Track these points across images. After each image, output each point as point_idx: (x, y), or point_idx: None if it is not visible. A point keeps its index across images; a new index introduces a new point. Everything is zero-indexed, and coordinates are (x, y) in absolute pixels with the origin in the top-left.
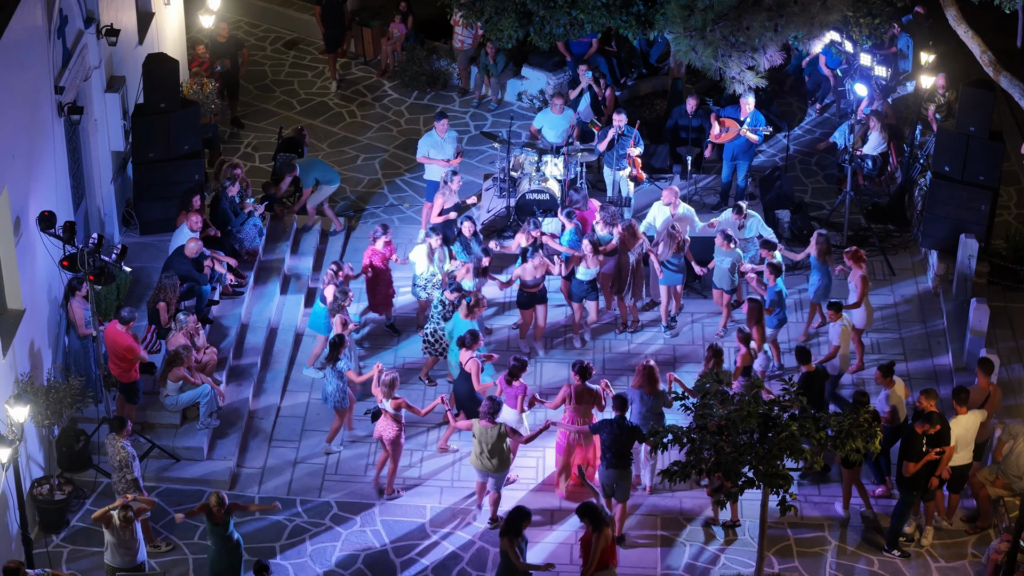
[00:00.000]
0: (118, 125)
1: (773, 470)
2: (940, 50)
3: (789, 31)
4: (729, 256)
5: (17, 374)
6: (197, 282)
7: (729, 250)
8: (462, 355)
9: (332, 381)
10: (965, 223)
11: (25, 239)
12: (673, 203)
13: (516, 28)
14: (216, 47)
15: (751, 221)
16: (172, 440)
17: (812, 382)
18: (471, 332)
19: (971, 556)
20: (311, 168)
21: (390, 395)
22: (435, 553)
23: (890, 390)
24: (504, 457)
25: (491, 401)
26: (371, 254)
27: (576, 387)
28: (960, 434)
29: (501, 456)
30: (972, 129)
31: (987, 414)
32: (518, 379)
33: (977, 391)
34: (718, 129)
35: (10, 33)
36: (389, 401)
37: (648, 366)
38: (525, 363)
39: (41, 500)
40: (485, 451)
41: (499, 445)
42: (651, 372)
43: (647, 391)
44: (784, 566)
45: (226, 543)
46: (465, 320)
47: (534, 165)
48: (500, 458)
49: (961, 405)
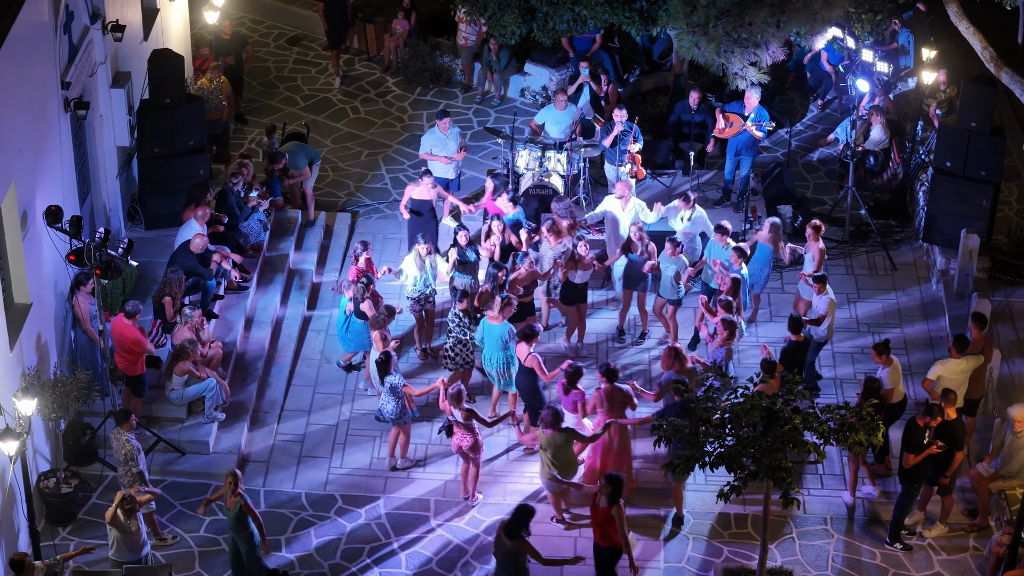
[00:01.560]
0: (123, 120)
1: (776, 463)
2: (941, 46)
3: (791, 27)
4: (674, 263)
5: (24, 368)
6: (202, 277)
7: (676, 257)
8: (521, 350)
9: (389, 400)
10: (966, 218)
11: (32, 233)
12: (625, 196)
13: (519, 24)
14: (220, 44)
15: (697, 214)
16: (177, 433)
17: (798, 351)
18: (529, 326)
19: (972, 549)
20: (299, 151)
21: (459, 406)
22: (439, 545)
23: (889, 368)
24: (570, 462)
25: (552, 410)
26: (358, 270)
27: (605, 389)
28: (949, 377)
29: (566, 461)
30: (973, 125)
31: (982, 361)
32: (575, 386)
33: (971, 344)
34: (723, 124)
35: (17, 29)
36: (459, 412)
37: (674, 347)
38: (581, 370)
39: (48, 493)
40: (549, 459)
41: (566, 451)
42: (678, 352)
43: (677, 370)
44: (787, 559)
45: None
46: (494, 323)
47: (537, 161)
48: (565, 463)
49: (959, 352)
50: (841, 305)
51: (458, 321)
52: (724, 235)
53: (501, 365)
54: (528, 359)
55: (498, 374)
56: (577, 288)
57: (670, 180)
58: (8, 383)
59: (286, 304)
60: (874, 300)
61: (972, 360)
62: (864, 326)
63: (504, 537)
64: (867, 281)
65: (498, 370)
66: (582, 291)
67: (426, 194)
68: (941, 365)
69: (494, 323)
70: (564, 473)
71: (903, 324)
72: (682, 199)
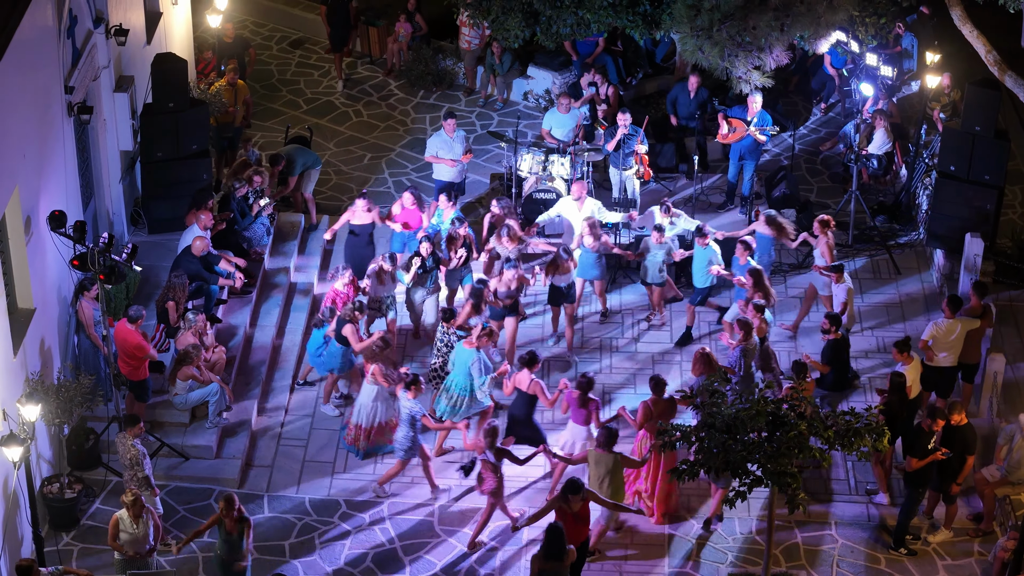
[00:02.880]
0: (127, 125)
1: (782, 468)
2: (945, 50)
3: (795, 31)
4: (661, 249)
5: (28, 373)
6: (206, 281)
7: (661, 243)
8: (522, 376)
9: (402, 428)
10: (970, 222)
11: (36, 238)
12: (581, 197)
13: (523, 28)
14: (223, 47)
15: (678, 219)
16: (181, 438)
17: (839, 350)
18: (531, 353)
19: (977, 554)
20: (297, 154)
21: (493, 445)
22: (444, 552)
23: (909, 365)
24: (619, 484)
25: (607, 430)
26: (333, 295)
27: (653, 400)
28: (941, 338)
29: (616, 484)
30: (977, 128)
31: (978, 325)
32: (588, 396)
33: (969, 310)
34: (726, 129)
35: (21, 33)
36: (491, 452)
37: (705, 352)
38: (592, 380)
39: (51, 498)
40: (599, 479)
41: (617, 473)
42: (708, 357)
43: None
44: (791, 564)
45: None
46: (469, 349)
47: (541, 164)
48: (615, 485)
49: (952, 312)
50: None
51: (447, 341)
52: (703, 237)
53: (460, 391)
54: (531, 385)
55: (450, 399)
56: (562, 290)
57: (674, 184)
58: (12, 388)
59: (289, 308)
60: (877, 304)
61: (966, 322)
62: (868, 330)
63: (548, 563)
64: (870, 284)
65: (459, 396)
66: (568, 292)
67: (365, 219)
68: (935, 326)
69: (467, 348)
70: (614, 495)
71: (907, 327)
72: (662, 208)
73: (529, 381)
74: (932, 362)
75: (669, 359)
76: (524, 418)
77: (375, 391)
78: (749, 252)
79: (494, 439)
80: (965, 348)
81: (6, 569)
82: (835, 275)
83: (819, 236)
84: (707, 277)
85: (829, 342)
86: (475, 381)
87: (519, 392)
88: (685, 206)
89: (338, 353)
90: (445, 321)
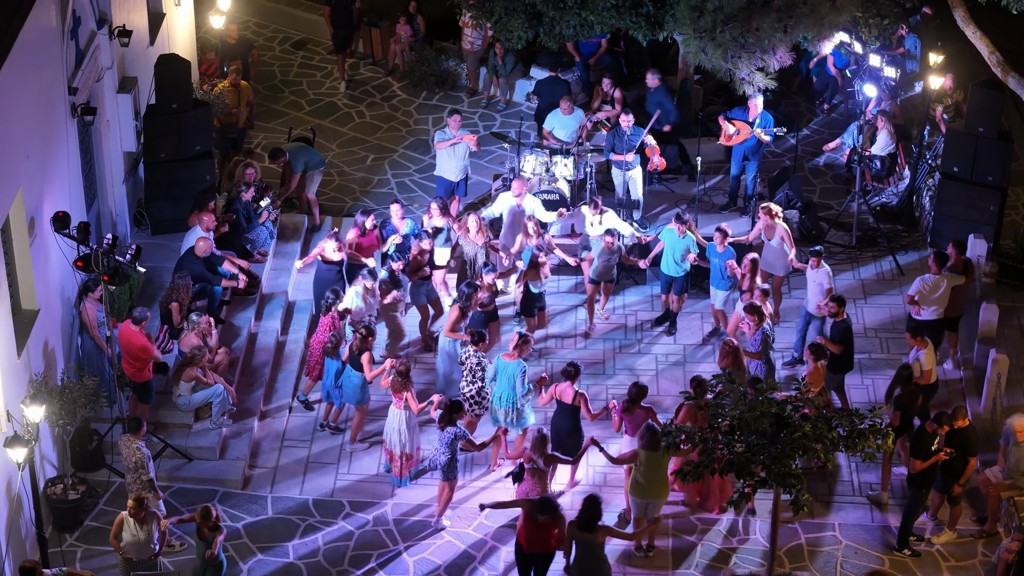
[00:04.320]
0: (130, 125)
1: (786, 470)
2: (948, 51)
3: (798, 32)
4: (615, 254)
5: (32, 374)
6: (209, 282)
7: (613, 248)
8: (565, 388)
9: (444, 452)
10: (974, 223)
11: (39, 239)
12: (521, 194)
13: (526, 29)
14: (226, 48)
15: (607, 216)
16: (185, 440)
17: (849, 330)
18: (573, 365)
19: (981, 556)
20: (300, 152)
21: (544, 452)
22: (448, 552)
23: (925, 349)
24: (663, 481)
25: (650, 429)
26: (328, 324)
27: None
28: (926, 293)
29: (664, 484)
30: (981, 129)
31: (963, 281)
32: (639, 405)
33: (952, 267)
34: (731, 130)
35: (25, 34)
36: (542, 459)
37: (734, 346)
38: (645, 388)
39: (55, 500)
40: (642, 478)
41: (663, 472)
42: (737, 351)
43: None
44: (795, 565)
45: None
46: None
47: (544, 166)
48: (663, 485)
49: (939, 268)
50: (848, 311)
51: (478, 361)
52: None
53: (510, 404)
54: (577, 398)
55: (505, 413)
56: (536, 296)
57: (676, 185)
58: (16, 390)
59: (293, 310)
60: (881, 306)
61: (951, 278)
62: (871, 331)
63: (581, 532)
64: (874, 286)
65: (506, 409)
66: (540, 298)
67: (336, 256)
68: (922, 282)
69: (508, 360)
70: (657, 493)
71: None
72: (592, 206)
73: (574, 394)
74: (919, 316)
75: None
76: (571, 429)
77: (403, 416)
78: (726, 239)
79: (544, 447)
80: (950, 303)
81: (10, 570)
82: (814, 260)
83: (769, 224)
84: (681, 265)
85: (837, 323)
86: (519, 390)
87: (561, 404)
88: (690, 207)
89: (358, 385)
90: (474, 344)
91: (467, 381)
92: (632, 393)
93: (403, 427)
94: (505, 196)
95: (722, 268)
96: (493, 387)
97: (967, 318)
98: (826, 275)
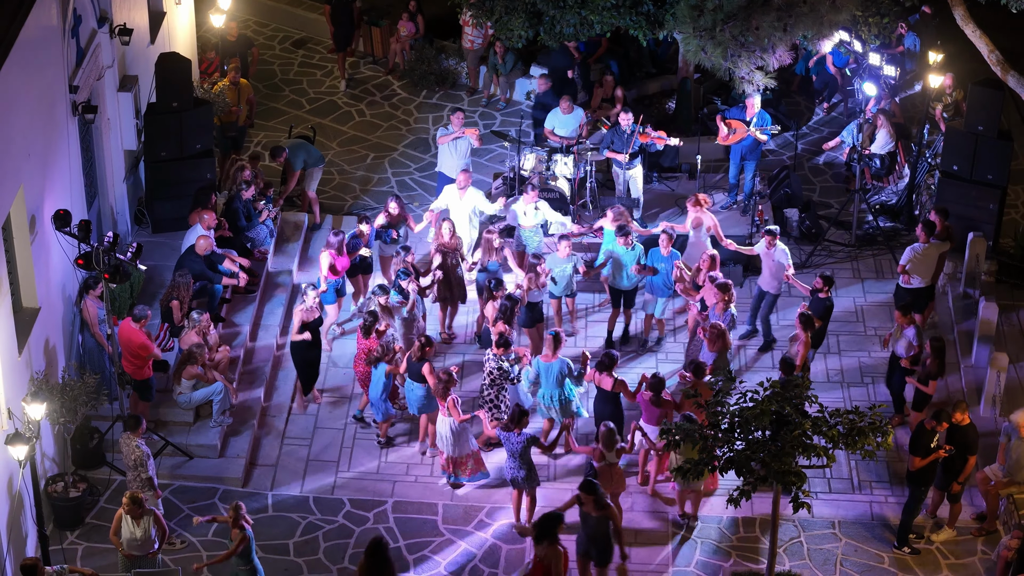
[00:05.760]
0: (131, 124)
1: (786, 467)
2: (948, 49)
3: (798, 31)
4: (570, 261)
5: (33, 372)
6: (210, 280)
7: (568, 256)
8: (605, 378)
9: (519, 465)
10: (974, 222)
11: (40, 237)
12: (464, 187)
13: (526, 28)
14: (226, 47)
15: (541, 205)
16: (185, 437)
17: (830, 309)
18: (608, 355)
19: (981, 553)
20: (299, 149)
21: (613, 448)
22: (448, 551)
23: (913, 327)
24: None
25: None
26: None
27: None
28: (917, 262)
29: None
30: (980, 128)
31: (947, 247)
32: (661, 395)
33: (938, 234)
34: (726, 131)
35: (26, 33)
36: (612, 454)
37: (722, 330)
38: (663, 379)
39: (56, 497)
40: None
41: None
42: (725, 335)
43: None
44: (795, 563)
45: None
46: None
47: (545, 164)
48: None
49: (928, 237)
50: (848, 309)
51: (498, 365)
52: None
53: (558, 402)
54: (617, 384)
55: (556, 411)
56: (537, 307)
57: (676, 184)
58: (17, 387)
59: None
60: (881, 304)
61: (939, 246)
62: (871, 329)
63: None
64: (873, 285)
65: (555, 407)
66: (540, 310)
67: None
68: (913, 251)
69: (549, 361)
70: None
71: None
72: (529, 191)
73: (613, 381)
74: (908, 285)
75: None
76: (613, 412)
77: (449, 421)
78: (671, 243)
79: (612, 440)
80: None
81: (11, 568)
82: (768, 238)
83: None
84: (633, 279)
85: (820, 300)
86: (569, 384)
87: (600, 391)
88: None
89: (422, 396)
90: (499, 347)
91: (485, 384)
92: (651, 383)
93: (448, 433)
94: (450, 188)
95: (667, 274)
96: (535, 389)
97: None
98: (784, 254)
